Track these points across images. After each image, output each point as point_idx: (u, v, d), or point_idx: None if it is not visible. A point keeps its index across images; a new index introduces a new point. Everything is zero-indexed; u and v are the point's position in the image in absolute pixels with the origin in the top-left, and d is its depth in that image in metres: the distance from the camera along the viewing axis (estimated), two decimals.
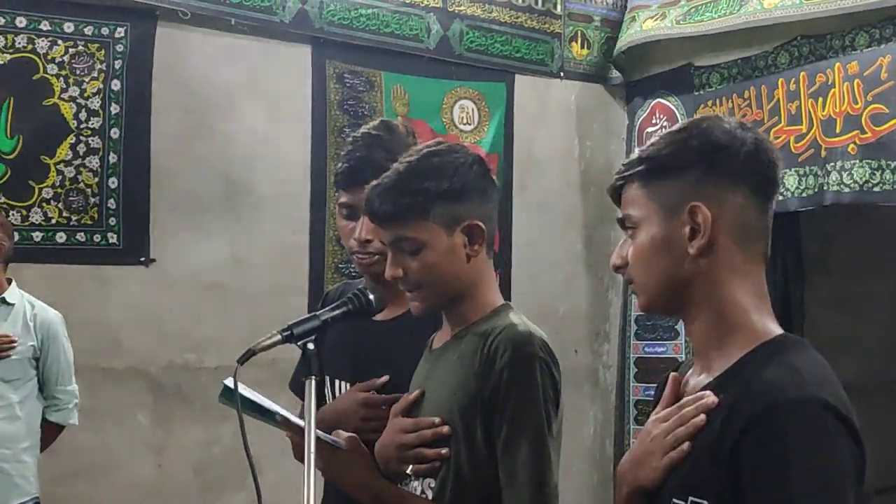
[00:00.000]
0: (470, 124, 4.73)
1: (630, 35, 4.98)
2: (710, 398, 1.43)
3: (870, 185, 3.95)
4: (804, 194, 4.23)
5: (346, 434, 1.95)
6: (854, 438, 1.38)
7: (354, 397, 2.15)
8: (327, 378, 2.33)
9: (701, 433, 1.43)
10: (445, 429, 1.90)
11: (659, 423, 1.50)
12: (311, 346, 1.71)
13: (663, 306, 1.58)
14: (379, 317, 2.20)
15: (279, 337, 1.74)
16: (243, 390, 1.84)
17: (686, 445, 1.44)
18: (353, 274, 4.27)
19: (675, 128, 1.57)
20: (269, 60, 4.23)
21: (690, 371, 1.59)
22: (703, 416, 1.43)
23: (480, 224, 1.93)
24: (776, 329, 1.50)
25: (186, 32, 4.08)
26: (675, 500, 1.45)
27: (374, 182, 1.95)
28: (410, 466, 1.94)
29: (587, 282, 5.05)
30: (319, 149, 4.32)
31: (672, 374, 1.57)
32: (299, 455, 2.21)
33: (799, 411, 1.36)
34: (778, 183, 1.54)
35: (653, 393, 1.76)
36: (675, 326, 4.81)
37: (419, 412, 1.99)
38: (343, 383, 2.32)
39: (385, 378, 2.16)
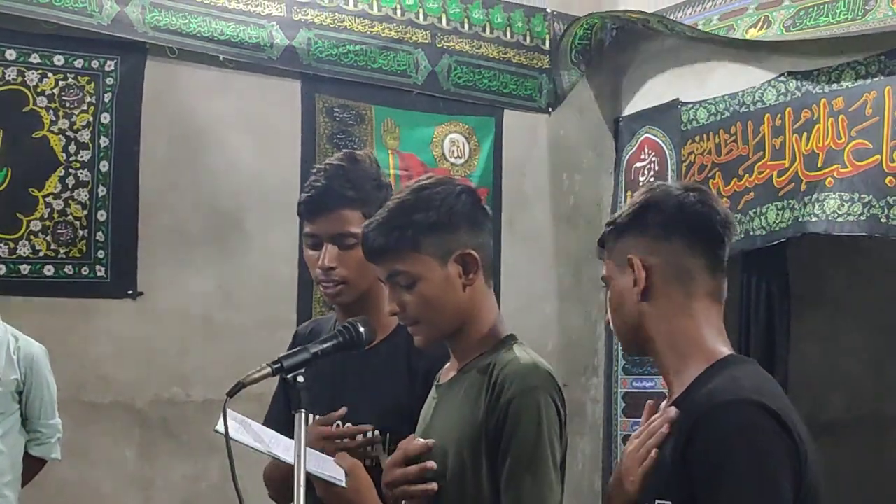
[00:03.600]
0: (461, 157, 4.75)
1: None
2: (673, 411, 1.65)
3: (837, 215, 3.99)
4: (779, 227, 4.26)
5: (350, 461, 1.95)
6: (787, 434, 1.56)
7: (316, 432, 2.14)
8: (303, 414, 2.32)
9: (666, 444, 1.62)
10: (430, 464, 1.90)
11: (634, 440, 1.71)
12: (300, 379, 1.71)
13: (634, 346, 1.82)
14: None
15: (269, 370, 1.75)
16: (241, 423, 1.84)
17: (654, 453, 1.64)
18: None
19: (636, 196, 1.85)
20: (258, 94, 4.25)
21: (665, 401, 1.78)
22: (666, 426, 1.63)
23: (473, 253, 1.95)
24: (726, 351, 1.72)
25: (176, 66, 4.10)
26: None
27: (368, 221, 1.97)
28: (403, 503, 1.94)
29: (576, 316, 5.05)
30: None
31: (648, 402, 1.77)
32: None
33: (732, 410, 1.56)
34: (716, 230, 1.75)
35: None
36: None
37: (429, 452, 1.99)
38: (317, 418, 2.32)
39: (343, 410, 2.15)
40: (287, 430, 2.15)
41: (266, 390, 2.75)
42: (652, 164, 4.97)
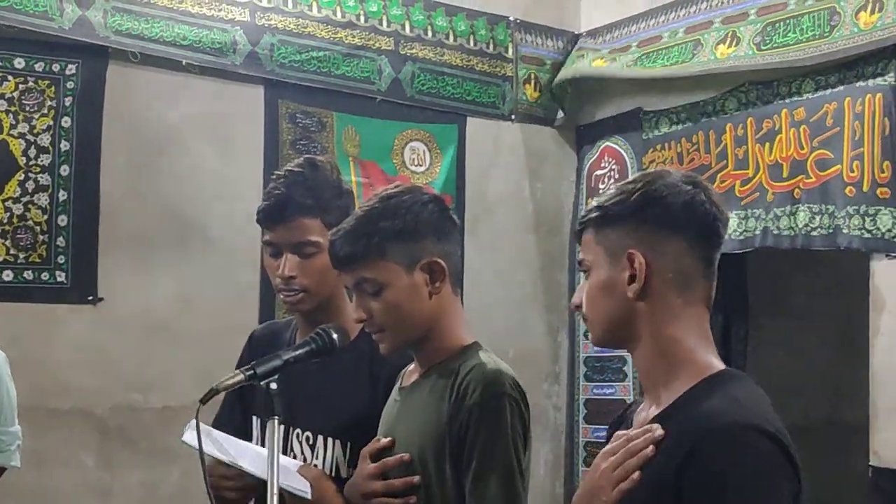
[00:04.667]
0: (421, 165, 4.75)
1: (577, 69, 5.02)
2: (658, 430, 1.53)
3: (809, 228, 4.02)
4: (743, 236, 4.28)
5: (314, 472, 1.94)
6: (788, 460, 1.48)
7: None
8: (257, 420, 2.32)
9: (649, 464, 1.52)
10: (416, 479, 1.90)
11: (608, 456, 1.58)
12: (274, 385, 1.71)
13: (610, 341, 1.72)
14: None
15: (242, 376, 1.75)
16: (205, 433, 1.83)
17: (636, 475, 1.52)
18: None
19: (626, 179, 1.72)
20: (221, 99, 4.23)
21: (640, 407, 1.70)
22: (651, 448, 1.52)
23: (440, 261, 1.96)
24: (719, 364, 1.61)
25: (138, 70, 4.07)
26: None
27: (335, 229, 1.98)
28: None
29: (537, 323, 5.07)
30: None
31: (616, 432, 1.65)
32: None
33: (735, 435, 1.46)
34: (719, 232, 1.65)
35: (603, 434, 1.84)
36: (624, 368, 4.84)
37: (390, 451, 1.99)
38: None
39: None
40: (237, 436, 2.15)
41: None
42: (613, 173, 5.00)
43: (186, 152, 4.16)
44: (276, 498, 1.60)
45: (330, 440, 2.16)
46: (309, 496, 1.89)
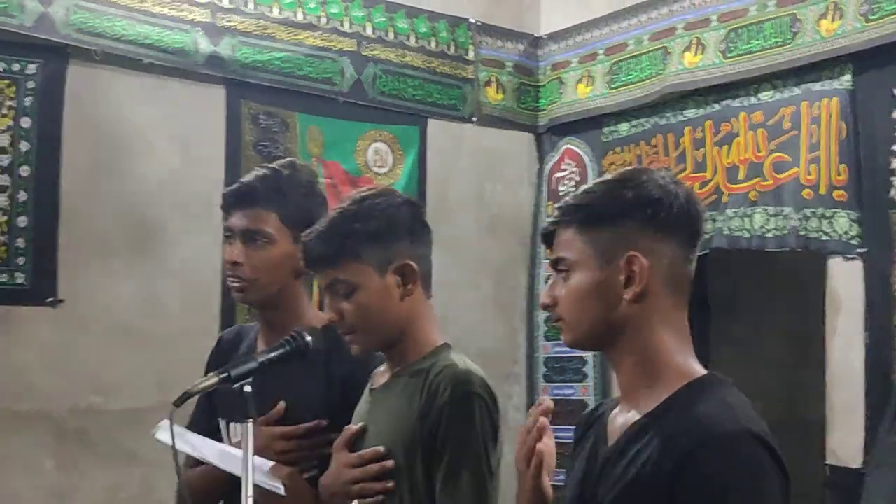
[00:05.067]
0: (384, 167, 4.76)
1: (568, 104, 5.08)
2: (547, 401, 1.71)
3: (765, 230, 4.08)
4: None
5: (286, 470, 1.95)
6: (781, 470, 1.49)
7: (269, 433, 2.14)
8: (222, 422, 2.33)
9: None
10: (390, 463, 1.93)
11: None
12: (248, 388, 1.71)
13: (590, 344, 1.70)
14: None
15: (216, 379, 1.75)
16: (179, 434, 1.83)
17: (546, 443, 1.69)
18: None
19: (610, 177, 1.69)
20: (182, 100, 4.20)
21: (618, 409, 1.68)
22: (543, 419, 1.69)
23: (412, 264, 1.98)
24: (701, 369, 1.61)
25: (98, 70, 4.03)
26: None
27: (309, 230, 2.00)
28: (356, 501, 1.95)
29: (498, 324, 5.10)
30: None
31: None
32: None
33: (735, 444, 1.46)
34: (702, 232, 1.66)
35: (563, 435, 1.83)
36: (584, 369, 4.88)
37: (362, 443, 2.01)
38: (238, 425, 2.31)
39: (282, 405, 2.15)
40: (208, 437, 2.16)
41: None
42: (573, 175, 5.04)
43: (148, 153, 4.13)
44: (251, 500, 1.61)
45: None
46: (283, 492, 1.90)
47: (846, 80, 3.80)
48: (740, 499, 1.43)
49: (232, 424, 2.33)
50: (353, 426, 2.03)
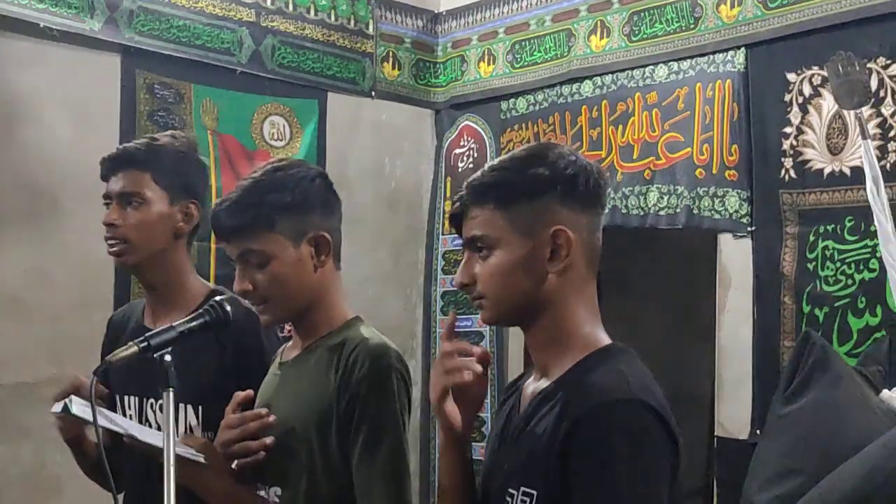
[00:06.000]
0: (281, 140, 4.71)
1: (470, 83, 5.10)
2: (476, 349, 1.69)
3: (658, 208, 4.18)
4: None
5: (201, 440, 1.94)
6: (669, 435, 1.54)
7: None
8: (116, 396, 2.31)
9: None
10: (271, 418, 1.93)
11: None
12: (168, 357, 1.69)
13: (512, 319, 1.72)
14: (151, 325, 2.23)
15: (136, 348, 1.72)
16: (89, 406, 1.81)
17: (467, 375, 1.66)
18: None
19: (520, 154, 1.72)
20: (76, 68, 4.08)
21: (532, 378, 1.74)
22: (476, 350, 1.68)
23: (326, 235, 1.99)
24: (606, 339, 1.67)
25: None
26: (510, 491, 1.59)
27: (219, 199, 1.98)
28: (235, 462, 1.94)
29: (395, 300, 5.11)
30: None
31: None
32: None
33: (622, 410, 1.50)
34: (605, 205, 1.72)
35: None
36: (481, 343, 4.93)
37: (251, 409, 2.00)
38: (132, 398, 2.30)
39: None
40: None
41: (82, 372, 2.69)
42: (471, 151, 5.07)
43: (40, 122, 4.00)
44: (172, 468, 1.59)
45: (182, 406, 2.17)
46: (203, 460, 1.88)
47: (740, 62, 3.90)
48: (623, 464, 1.47)
49: (127, 398, 2.31)
50: (241, 392, 2.03)
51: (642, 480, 1.48)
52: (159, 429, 2.10)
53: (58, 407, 1.97)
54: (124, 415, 2.28)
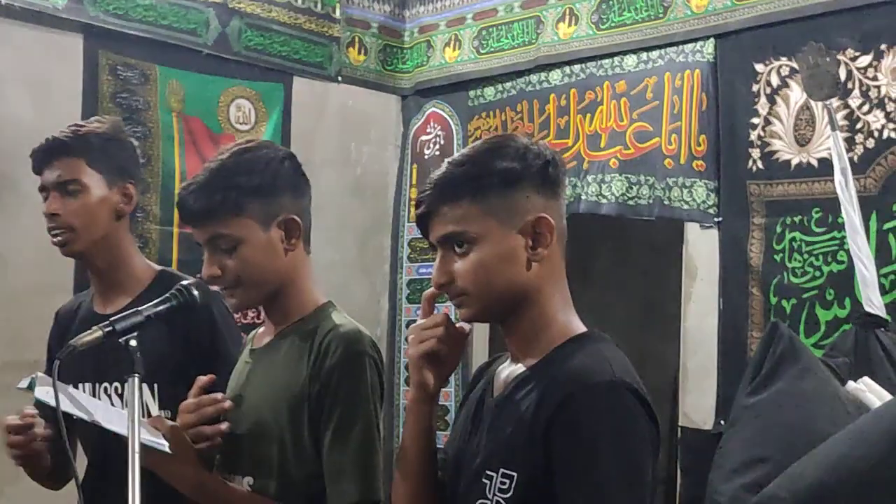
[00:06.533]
0: (247, 124, 4.66)
1: (436, 68, 5.07)
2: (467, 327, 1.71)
3: (626, 197, 4.17)
4: None
5: (168, 424, 1.90)
6: (651, 419, 1.56)
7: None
8: (81, 385, 2.28)
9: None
10: (227, 404, 1.90)
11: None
12: (133, 342, 1.66)
13: (494, 314, 1.70)
14: (101, 310, 2.20)
15: (100, 333, 1.69)
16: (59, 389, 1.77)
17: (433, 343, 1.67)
18: None
19: (486, 146, 1.70)
20: (37, 48, 4.01)
21: (506, 363, 1.75)
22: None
23: (296, 218, 1.97)
24: (582, 326, 1.69)
25: None
26: (488, 472, 1.60)
27: (185, 182, 1.95)
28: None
29: (360, 287, 5.08)
30: None
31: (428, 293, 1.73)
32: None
33: (605, 393, 1.52)
34: None
35: None
36: None
37: (239, 411, 1.97)
38: (86, 384, 2.27)
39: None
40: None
41: (42, 357, 2.65)
42: (438, 139, 5.05)
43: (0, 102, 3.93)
44: (138, 457, 1.56)
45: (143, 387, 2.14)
46: (167, 450, 1.85)
47: (709, 52, 3.90)
48: (609, 442, 1.49)
49: (81, 384, 2.27)
50: (204, 377, 2.00)
51: (627, 460, 1.50)
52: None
53: (24, 383, 1.93)
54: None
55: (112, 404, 2.21)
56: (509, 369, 1.71)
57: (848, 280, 3.35)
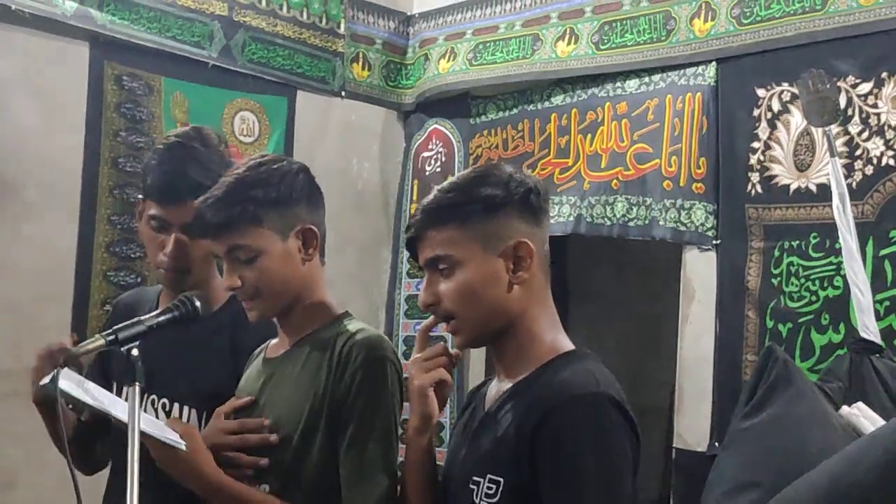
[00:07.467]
0: (250, 136, 4.68)
1: (430, 79, 5.09)
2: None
3: (626, 219, 4.19)
4: (554, 221, 4.37)
5: (185, 426, 1.92)
6: (633, 432, 1.63)
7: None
8: (115, 385, 2.28)
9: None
10: (273, 437, 1.91)
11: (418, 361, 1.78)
12: (135, 352, 1.67)
13: (486, 338, 1.77)
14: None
15: (103, 341, 1.70)
16: (78, 382, 1.78)
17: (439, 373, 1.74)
18: (123, 283, 4.14)
19: (472, 175, 1.81)
20: (43, 56, 4.03)
21: (495, 381, 1.82)
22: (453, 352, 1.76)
23: (313, 228, 1.99)
24: (570, 345, 1.76)
25: None
26: (475, 478, 1.67)
27: (203, 197, 1.96)
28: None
29: (359, 301, 5.08)
30: (93, 152, 4.15)
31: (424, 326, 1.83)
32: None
33: (590, 404, 1.59)
34: None
35: None
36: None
37: (249, 414, 1.98)
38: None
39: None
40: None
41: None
42: (439, 155, 5.07)
43: (5, 110, 3.95)
44: (136, 461, 1.57)
45: (186, 408, 2.15)
46: (184, 447, 1.86)
47: (710, 76, 3.92)
48: (591, 452, 1.55)
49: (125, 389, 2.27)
50: (241, 399, 2.01)
51: (609, 471, 1.55)
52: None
53: (46, 379, 1.93)
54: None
55: (157, 418, 2.18)
56: (498, 386, 1.77)
57: (844, 305, 3.36)
